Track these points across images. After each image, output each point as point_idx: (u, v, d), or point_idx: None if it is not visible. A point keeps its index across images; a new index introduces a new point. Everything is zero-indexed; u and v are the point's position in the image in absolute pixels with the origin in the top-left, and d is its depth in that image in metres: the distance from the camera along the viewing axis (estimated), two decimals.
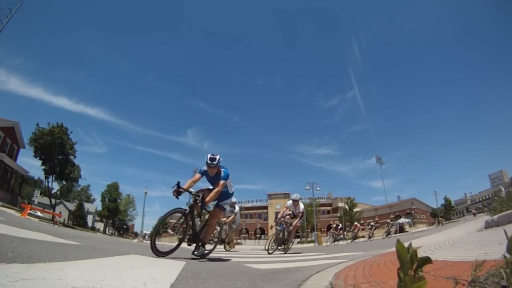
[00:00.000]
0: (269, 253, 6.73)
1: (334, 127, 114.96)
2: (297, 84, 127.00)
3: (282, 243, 7.23)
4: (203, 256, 3.87)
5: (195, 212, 3.84)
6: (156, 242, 3.31)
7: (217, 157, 3.90)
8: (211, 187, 4.10)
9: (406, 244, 0.82)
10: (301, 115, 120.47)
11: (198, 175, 4.02)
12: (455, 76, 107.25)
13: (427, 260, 0.78)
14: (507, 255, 0.80)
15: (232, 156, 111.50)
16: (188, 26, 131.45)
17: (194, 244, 3.85)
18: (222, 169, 4.04)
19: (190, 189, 3.81)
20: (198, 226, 3.91)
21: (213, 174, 3.95)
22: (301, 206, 7.60)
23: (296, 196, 7.77)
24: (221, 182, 3.92)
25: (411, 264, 0.78)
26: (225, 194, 4.13)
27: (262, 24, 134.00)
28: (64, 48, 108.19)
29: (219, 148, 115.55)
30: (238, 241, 36.62)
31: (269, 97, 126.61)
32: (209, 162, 3.85)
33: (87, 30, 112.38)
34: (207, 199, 3.79)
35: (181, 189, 3.63)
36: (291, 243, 7.75)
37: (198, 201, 3.76)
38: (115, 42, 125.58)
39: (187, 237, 3.86)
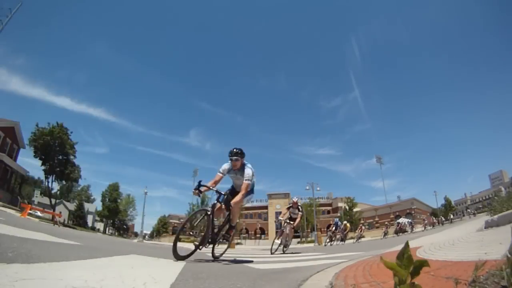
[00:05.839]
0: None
1: (336, 127, 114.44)
2: (300, 84, 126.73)
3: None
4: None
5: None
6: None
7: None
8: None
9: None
10: (304, 115, 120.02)
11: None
12: (456, 77, 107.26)
13: (423, 263, 0.76)
14: (509, 255, 0.80)
15: None
16: (191, 26, 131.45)
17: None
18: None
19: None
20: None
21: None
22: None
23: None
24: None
25: (407, 268, 0.76)
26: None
27: (263, 25, 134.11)
28: (66, 48, 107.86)
29: (221, 148, 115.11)
30: (238, 241, 36.64)
31: (272, 98, 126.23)
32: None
33: (90, 30, 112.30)
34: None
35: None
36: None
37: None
38: (118, 42, 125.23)
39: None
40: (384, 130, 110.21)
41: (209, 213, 3.50)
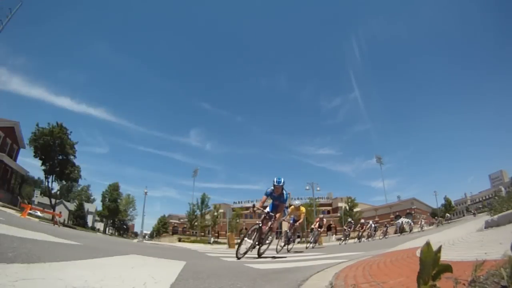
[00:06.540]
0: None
1: (337, 127, 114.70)
2: (300, 84, 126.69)
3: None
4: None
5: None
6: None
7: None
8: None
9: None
10: (304, 115, 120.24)
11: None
12: (456, 77, 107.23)
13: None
14: (511, 254, 0.79)
15: (234, 156, 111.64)
16: (192, 26, 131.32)
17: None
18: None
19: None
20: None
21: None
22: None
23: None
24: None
25: (431, 270, 0.74)
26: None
27: (264, 25, 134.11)
28: (67, 48, 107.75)
29: (221, 148, 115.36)
30: (238, 241, 36.61)
31: (272, 98, 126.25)
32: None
33: (90, 30, 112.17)
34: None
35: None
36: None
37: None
38: (119, 42, 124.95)
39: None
40: (384, 130, 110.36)
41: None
